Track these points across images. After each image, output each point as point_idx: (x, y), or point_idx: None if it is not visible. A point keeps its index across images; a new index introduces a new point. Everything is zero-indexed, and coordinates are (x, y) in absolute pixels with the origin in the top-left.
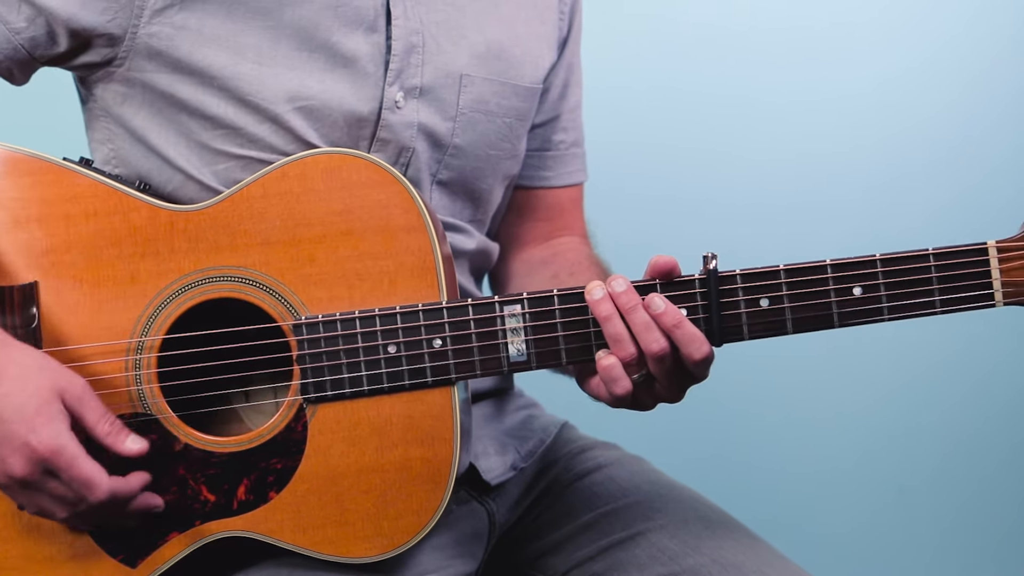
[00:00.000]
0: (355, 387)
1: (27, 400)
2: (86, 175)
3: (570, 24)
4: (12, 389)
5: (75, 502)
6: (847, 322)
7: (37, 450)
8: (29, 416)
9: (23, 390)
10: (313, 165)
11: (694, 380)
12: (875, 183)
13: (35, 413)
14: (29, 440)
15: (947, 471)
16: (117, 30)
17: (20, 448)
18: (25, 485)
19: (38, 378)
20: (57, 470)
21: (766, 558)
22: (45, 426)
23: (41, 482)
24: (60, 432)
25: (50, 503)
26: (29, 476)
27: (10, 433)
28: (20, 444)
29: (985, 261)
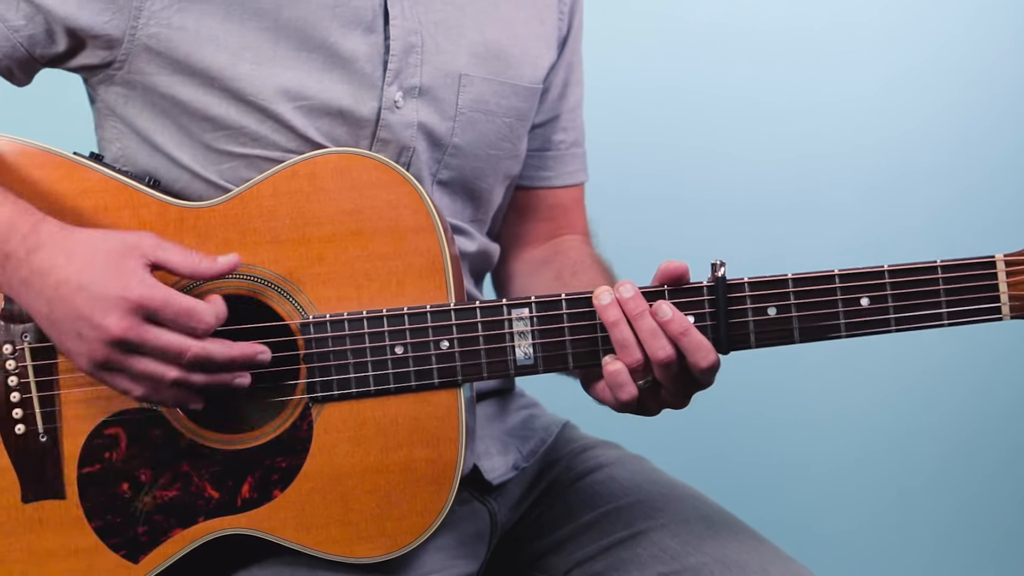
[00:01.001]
0: (361, 387)
1: (105, 262)
2: (97, 170)
3: (570, 23)
4: (87, 258)
5: (181, 348)
6: (854, 332)
7: (130, 298)
8: (112, 275)
9: (97, 256)
10: (323, 165)
11: (699, 387)
12: (876, 184)
13: (116, 270)
14: (119, 293)
15: (947, 472)
16: (115, 32)
17: (113, 304)
18: (128, 347)
19: (108, 242)
20: (157, 311)
21: (768, 557)
22: (130, 276)
23: (143, 335)
24: (146, 279)
25: (156, 363)
26: (128, 331)
27: (98, 296)
28: (112, 300)
29: (993, 275)
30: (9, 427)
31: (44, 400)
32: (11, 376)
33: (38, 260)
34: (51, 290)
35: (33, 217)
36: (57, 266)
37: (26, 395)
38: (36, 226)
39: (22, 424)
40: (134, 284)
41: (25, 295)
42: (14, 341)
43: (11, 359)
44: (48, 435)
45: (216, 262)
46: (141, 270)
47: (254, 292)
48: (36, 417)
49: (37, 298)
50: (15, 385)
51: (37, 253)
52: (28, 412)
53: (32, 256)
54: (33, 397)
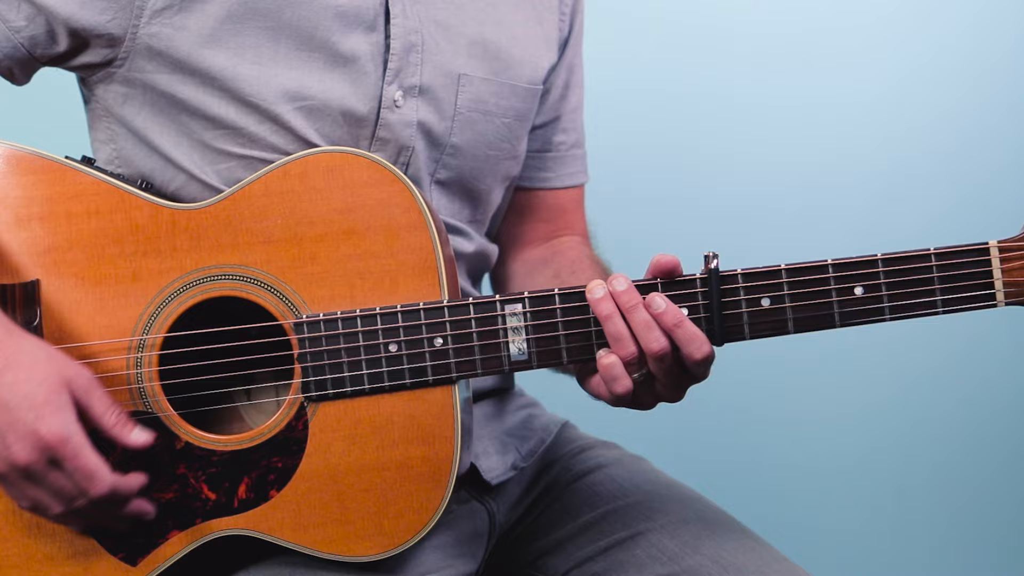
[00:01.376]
0: (356, 386)
1: (36, 388)
2: (88, 173)
3: (571, 25)
4: (21, 377)
5: (74, 496)
6: (848, 322)
7: (44, 438)
8: (38, 404)
9: (32, 378)
10: (315, 164)
11: (694, 380)
12: (876, 186)
13: (44, 402)
14: (37, 428)
15: (946, 472)
16: (117, 30)
17: (27, 435)
18: (27, 475)
19: (47, 367)
20: (62, 459)
21: (766, 558)
22: (53, 415)
23: (43, 472)
24: (68, 421)
25: (48, 496)
26: (33, 464)
27: (17, 420)
28: (27, 431)
29: (987, 261)
30: None
31: None
32: None
33: None
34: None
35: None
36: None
37: None
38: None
39: None
40: (53, 424)
41: None
42: None
43: None
44: None
45: (129, 435)
46: (65, 409)
47: (247, 293)
48: None
49: None
50: None
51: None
52: None
53: None
54: None
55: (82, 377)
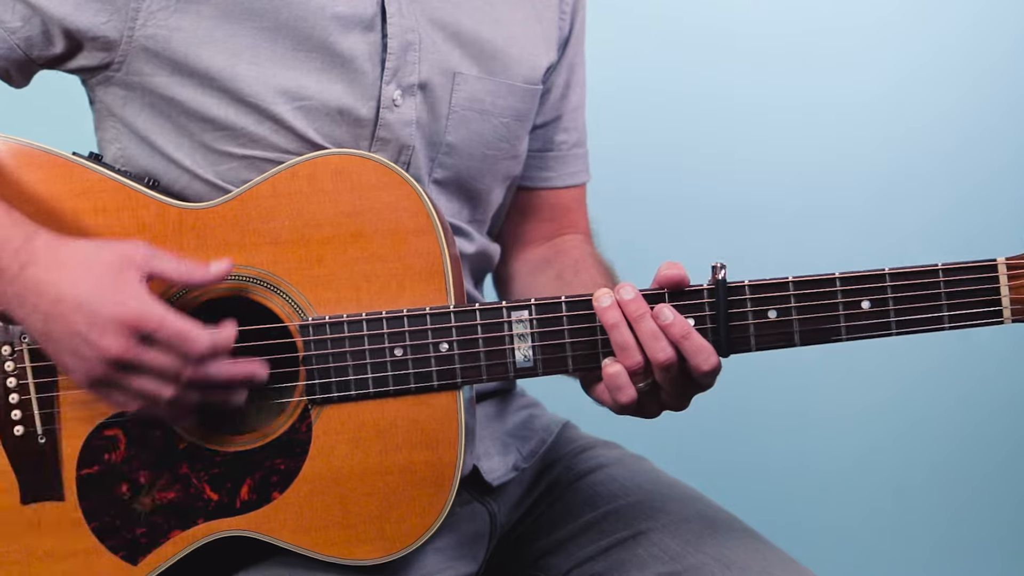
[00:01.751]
0: (360, 389)
1: (99, 278)
2: (96, 170)
3: (571, 24)
4: (81, 273)
5: (178, 368)
6: (854, 335)
7: (127, 320)
8: (108, 291)
9: (91, 270)
10: (323, 166)
11: (699, 389)
12: (878, 187)
13: (112, 287)
14: (116, 313)
15: (946, 471)
16: (112, 33)
17: (109, 324)
18: (124, 366)
19: (101, 254)
20: (153, 332)
21: (767, 557)
22: (126, 294)
23: (139, 355)
24: (142, 296)
25: (154, 382)
26: (124, 352)
27: (93, 314)
28: (107, 320)
29: (994, 278)
30: (8, 428)
31: (43, 402)
32: (10, 377)
33: (31, 275)
34: (47, 306)
35: (26, 229)
36: (51, 282)
37: (25, 396)
38: (29, 239)
39: (21, 425)
40: (130, 302)
41: (19, 310)
42: (12, 342)
43: (10, 360)
44: (47, 436)
45: (208, 270)
46: (136, 285)
47: (253, 293)
48: (35, 418)
49: (32, 313)
50: (14, 386)
51: (30, 268)
52: (27, 413)
53: (25, 271)
54: (32, 398)
55: (138, 249)
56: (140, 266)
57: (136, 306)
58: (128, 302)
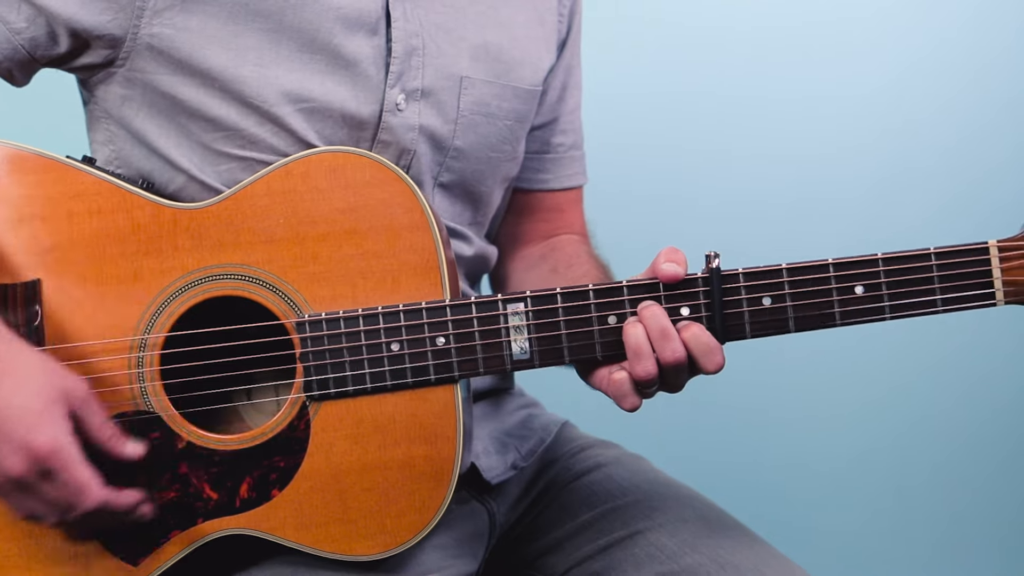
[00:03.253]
0: (358, 385)
1: (30, 400)
2: (90, 173)
3: (569, 26)
4: (16, 388)
5: (66, 508)
6: (849, 321)
7: (37, 451)
8: (31, 416)
9: (26, 389)
10: (317, 163)
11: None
12: (875, 182)
13: (37, 414)
14: (29, 440)
15: (946, 471)
16: (118, 31)
17: (20, 448)
18: (20, 486)
19: (42, 379)
20: (53, 472)
21: (764, 557)
22: (47, 426)
23: (36, 484)
24: (60, 434)
25: (42, 507)
26: (25, 476)
27: (11, 432)
28: (20, 443)
29: (986, 260)
30: None
31: None
32: None
33: None
34: None
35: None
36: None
37: None
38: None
39: None
40: (46, 437)
41: None
42: None
43: None
44: None
45: (123, 447)
46: (60, 420)
47: (249, 292)
48: None
49: None
50: None
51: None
52: None
53: None
54: None
55: (78, 389)
56: (73, 405)
57: (49, 442)
58: (44, 436)
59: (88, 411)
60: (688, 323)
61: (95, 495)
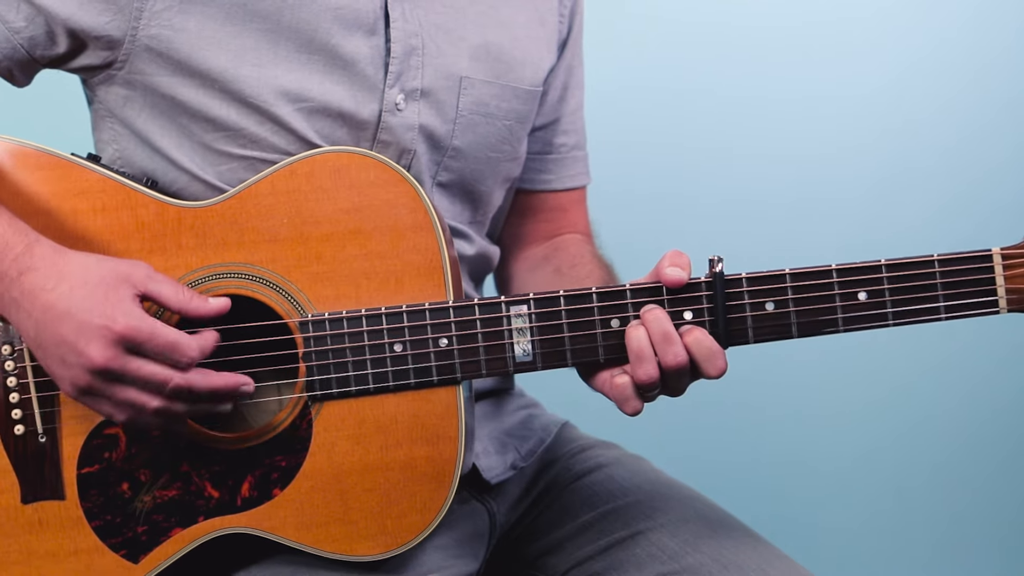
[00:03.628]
0: (360, 385)
1: (94, 290)
2: (95, 170)
3: (570, 26)
4: (76, 283)
5: (165, 378)
6: (852, 327)
7: (115, 330)
8: (99, 303)
9: (87, 282)
10: (322, 163)
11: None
12: (876, 182)
13: (104, 299)
14: (105, 323)
15: (946, 472)
16: (116, 32)
17: (97, 333)
18: (110, 376)
19: (100, 268)
20: (140, 343)
21: (766, 557)
22: (116, 306)
23: (125, 365)
24: (133, 309)
25: (141, 392)
26: (111, 361)
27: (84, 324)
28: (96, 330)
29: (990, 268)
30: (8, 428)
31: (43, 401)
32: (10, 377)
33: (28, 281)
34: (39, 313)
35: (28, 237)
36: (46, 289)
37: (25, 396)
38: (30, 247)
39: (21, 425)
40: (120, 315)
41: (15, 315)
42: (13, 342)
43: (10, 360)
44: (47, 435)
45: (207, 303)
46: (129, 301)
47: (252, 291)
48: (35, 418)
49: (26, 319)
50: (14, 386)
51: (28, 275)
52: (27, 413)
53: (23, 277)
54: (32, 398)
55: (138, 269)
56: (135, 284)
57: (124, 320)
58: (117, 316)
59: (156, 284)
60: (691, 327)
61: (191, 344)
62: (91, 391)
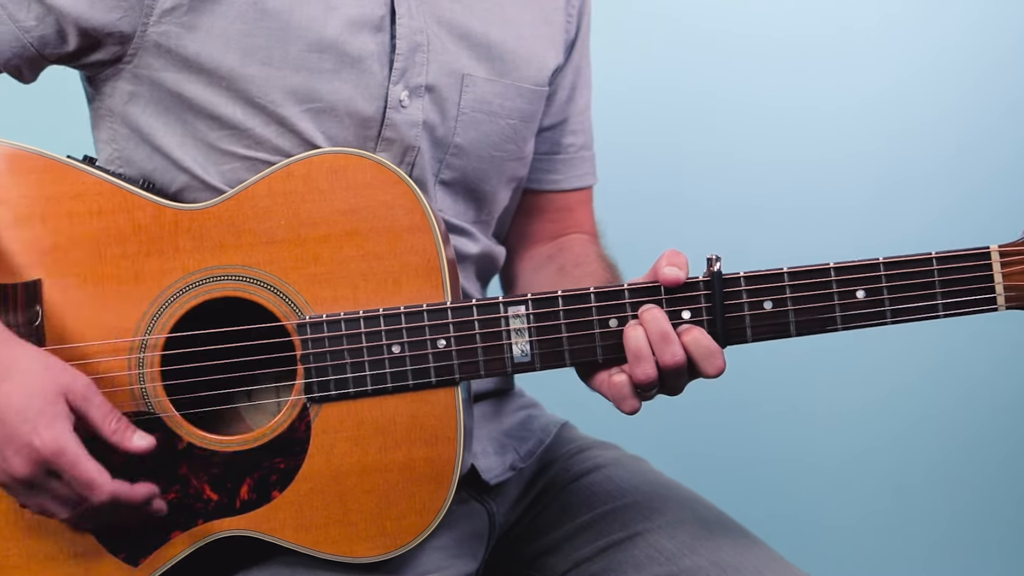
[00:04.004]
0: (359, 387)
1: (30, 400)
2: (91, 173)
3: (578, 26)
4: (15, 389)
5: (76, 503)
6: (850, 325)
7: (39, 451)
8: (32, 416)
9: (26, 390)
10: (318, 165)
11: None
12: (877, 185)
13: (38, 413)
14: (32, 440)
15: (945, 470)
16: (127, 28)
17: (22, 449)
18: (28, 485)
19: (42, 378)
20: (59, 470)
21: (764, 559)
22: (48, 426)
23: (44, 482)
24: (63, 432)
25: (52, 503)
26: (31, 477)
27: (13, 433)
28: (22, 444)
29: (988, 265)
30: None
31: None
32: None
33: None
34: None
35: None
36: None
37: None
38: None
39: None
40: (48, 436)
41: None
42: None
43: None
44: None
45: (131, 439)
46: (61, 420)
47: (250, 293)
48: None
49: None
50: None
51: None
52: None
53: None
54: None
55: (79, 384)
56: (74, 402)
57: (51, 441)
58: (45, 437)
59: (90, 406)
60: (689, 326)
61: (105, 489)
62: (8, 489)
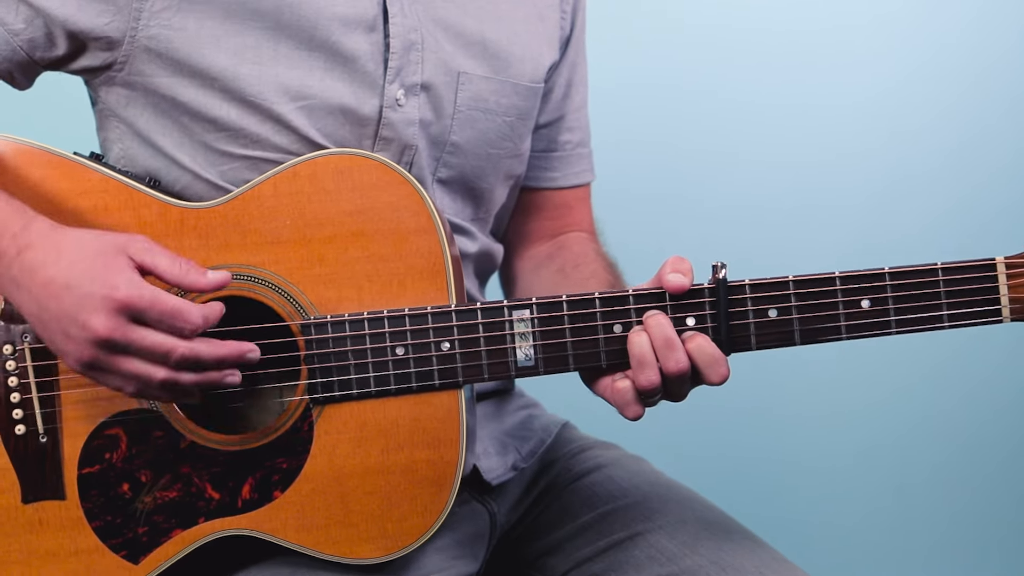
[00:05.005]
0: (362, 388)
1: (92, 262)
2: (97, 170)
3: (572, 23)
4: (75, 257)
5: (169, 348)
6: (854, 334)
7: (116, 297)
8: (99, 273)
9: (86, 255)
10: (324, 165)
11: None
12: (878, 186)
13: (104, 269)
14: (107, 293)
15: (946, 471)
16: (115, 33)
17: (99, 304)
18: (114, 346)
19: (98, 241)
20: (143, 311)
21: (765, 560)
22: (117, 275)
23: (129, 335)
24: (134, 277)
25: (145, 363)
26: (114, 331)
27: (85, 296)
28: (98, 300)
29: (993, 277)
30: (9, 428)
31: (44, 400)
32: (11, 376)
33: (28, 258)
34: (39, 288)
35: (25, 216)
36: (46, 264)
37: (26, 395)
38: (28, 225)
39: (22, 424)
40: (121, 284)
41: (16, 294)
42: (14, 341)
43: (11, 359)
44: (48, 436)
45: (205, 276)
46: (128, 270)
47: (255, 293)
48: (36, 417)
49: (27, 297)
50: (15, 385)
51: (27, 252)
52: (28, 412)
53: (22, 255)
54: (33, 397)
55: (137, 240)
56: (132, 255)
57: (126, 287)
58: (119, 285)
59: (154, 255)
60: (693, 333)
61: (194, 311)
62: (96, 364)
